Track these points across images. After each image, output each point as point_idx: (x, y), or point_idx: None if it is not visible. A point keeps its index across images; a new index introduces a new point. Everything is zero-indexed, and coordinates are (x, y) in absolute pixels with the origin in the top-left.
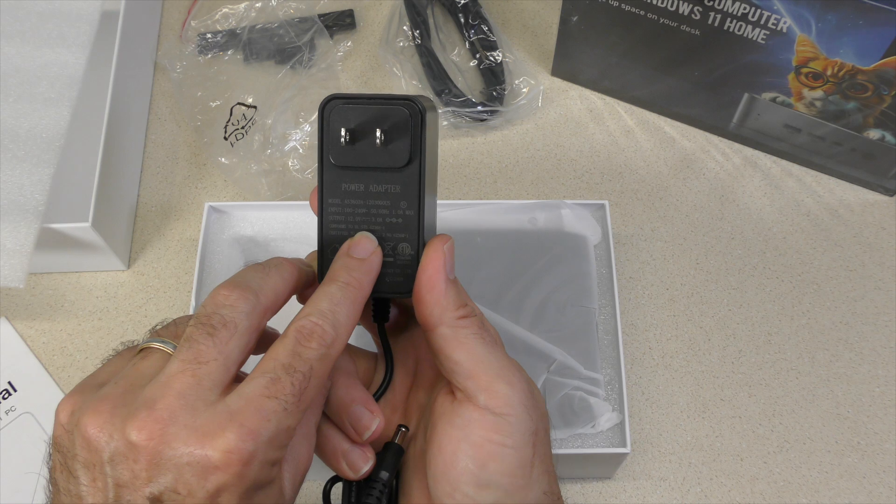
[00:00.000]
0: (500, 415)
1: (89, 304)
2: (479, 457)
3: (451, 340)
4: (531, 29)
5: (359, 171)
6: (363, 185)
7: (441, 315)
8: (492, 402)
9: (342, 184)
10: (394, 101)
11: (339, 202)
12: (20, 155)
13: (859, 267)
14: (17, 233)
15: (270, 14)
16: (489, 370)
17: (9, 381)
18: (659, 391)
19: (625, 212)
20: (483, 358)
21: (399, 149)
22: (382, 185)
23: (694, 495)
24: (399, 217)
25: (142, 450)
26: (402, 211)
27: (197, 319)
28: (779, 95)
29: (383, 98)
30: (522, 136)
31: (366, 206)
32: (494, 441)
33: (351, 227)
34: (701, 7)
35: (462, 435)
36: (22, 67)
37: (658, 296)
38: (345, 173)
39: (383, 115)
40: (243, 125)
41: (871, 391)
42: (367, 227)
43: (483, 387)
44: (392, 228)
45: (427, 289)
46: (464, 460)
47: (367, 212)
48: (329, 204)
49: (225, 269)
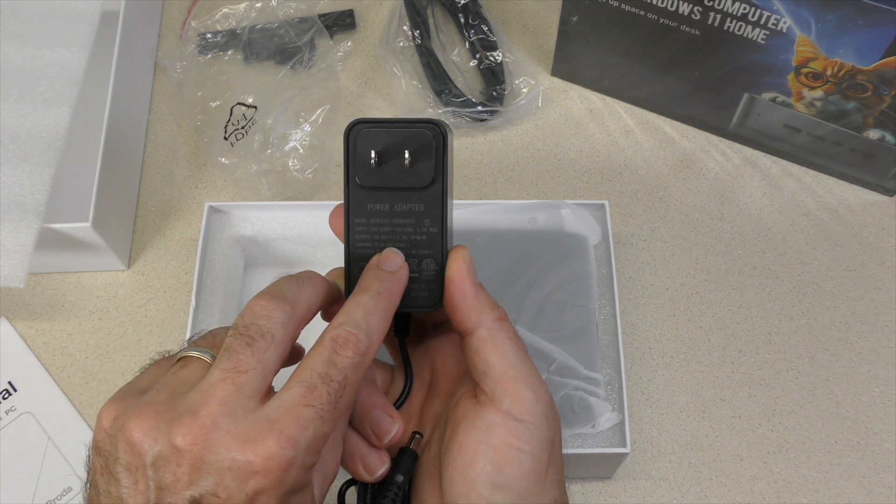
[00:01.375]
0: (521, 421)
1: (89, 304)
2: (497, 459)
3: (488, 343)
4: (531, 29)
5: (384, 191)
6: (388, 204)
7: (479, 318)
8: (515, 408)
9: (368, 204)
10: (417, 124)
11: (366, 221)
12: (21, 155)
13: (859, 267)
14: (17, 233)
15: (270, 14)
16: (517, 376)
17: (9, 381)
18: (659, 391)
19: (625, 212)
20: (514, 364)
21: (423, 169)
22: (407, 204)
23: (694, 495)
24: (423, 234)
25: (186, 454)
26: (426, 228)
27: (236, 330)
28: (779, 95)
29: (406, 122)
30: (522, 136)
31: (391, 224)
32: (513, 445)
33: (377, 245)
34: (701, 7)
35: (483, 437)
36: (22, 67)
37: (658, 296)
38: (370, 194)
39: (407, 137)
40: (243, 125)
41: (871, 391)
42: (392, 244)
43: (509, 392)
44: (417, 245)
45: (459, 296)
46: (482, 462)
47: (392, 230)
48: (355, 223)
49: (225, 269)
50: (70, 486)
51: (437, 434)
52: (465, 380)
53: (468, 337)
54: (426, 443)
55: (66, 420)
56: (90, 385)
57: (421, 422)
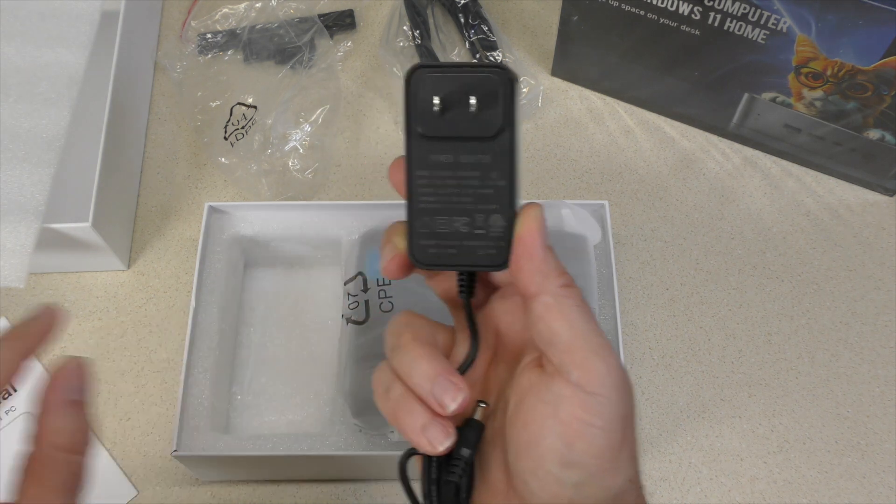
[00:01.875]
0: (591, 393)
1: (89, 304)
2: (567, 434)
3: (553, 309)
4: (531, 29)
5: (448, 141)
6: (453, 155)
7: (543, 282)
8: (584, 379)
9: (430, 155)
10: (483, 68)
11: (428, 174)
12: (20, 155)
13: (859, 267)
14: (17, 233)
15: (270, 14)
16: (586, 345)
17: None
18: (659, 391)
19: (625, 212)
20: (582, 332)
21: (490, 117)
22: (473, 155)
23: (694, 495)
24: (490, 188)
25: None
26: (493, 181)
27: None
28: (779, 95)
29: (472, 66)
30: (522, 136)
31: (455, 176)
32: (583, 420)
33: (441, 199)
34: (701, 7)
35: (550, 411)
36: (22, 67)
37: (658, 296)
38: (433, 144)
39: (473, 82)
40: (243, 125)
41: (871, 391)
42: (457, 198)
43: (578, 363)
44: (483, 199)
45: (527, 257)
46: (550, 437)
47: (457, 183)
48: (417, 176)
49: (225, 269)
50: None
51: (503, 402)
52: (531, 346)
53: (531, 302)
54: (491, 412)
55: None
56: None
57: (485, 389)
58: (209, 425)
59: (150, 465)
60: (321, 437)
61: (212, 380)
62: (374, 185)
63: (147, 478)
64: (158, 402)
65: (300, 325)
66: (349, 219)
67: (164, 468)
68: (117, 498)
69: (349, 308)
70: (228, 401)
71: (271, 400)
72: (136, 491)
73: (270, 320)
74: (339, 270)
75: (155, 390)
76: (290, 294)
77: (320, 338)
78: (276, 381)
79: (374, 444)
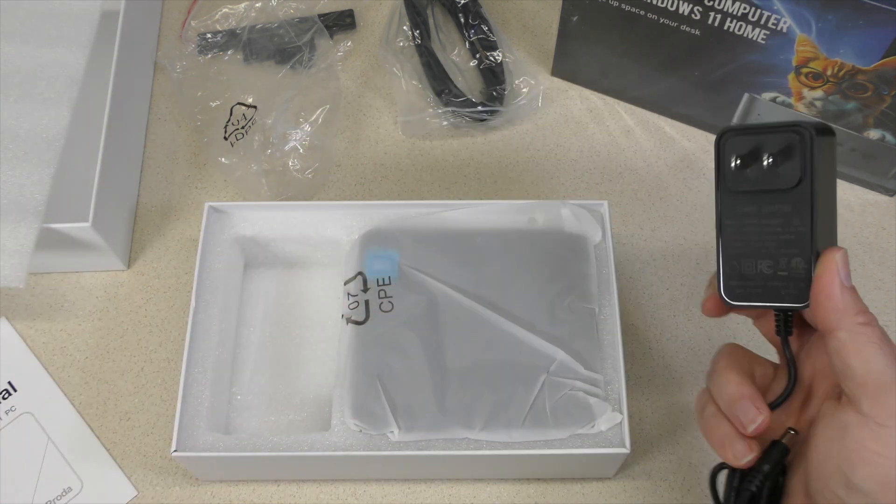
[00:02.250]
0: (882, 425)
1: (89, 304)
2: (851, 460)
3: (848, 345)
4: (531, 29)
5: (751, 194)
6: (756, 206)
7: (839, 320)
8: (874, 410)
9: (737, 206)
10: (783, 128)
11: (736, 223)
12: (20, 155)
13: (859, 267)
14: (17, 233)
15: (270, 14)
16: (880, 380)
17: (9, 381)
18: (659, 391)
19: (625, 212)
20: (877, 367)
21: (789, 171)
22: (774, 205)
23: (694, 495)
24: (792, 234)
25: None
26: (794, 227)
27: None
28: (779, 95)
29: (773, 126)
30: (522, 136)
31: (759, 224)
32: (870, 449)
33: (747, 245)
34: (701, 7)
35: (837, 436)
36: (22, 67)
37: (658, 296)
38: (739, 197)
39: (774, 141)
40: (243, 125)
41: None
42: (761, 244)
43: (870, 394)
44: (785, 245)
45: (824, 295)
46: (835, 461)
47: (762, 230)
48: (726, 225)
49: (225, 269)
50: (70, 487)
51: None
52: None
53: (828, 338)
54: (802, 440)
55: (66, 420)
56: (90, 385)
57: (799, 419)
58: (209, 425)
59: (150, 465)
60: (321, 437)
61: (212, 380)
62: (374, 185)
63: (147, 478)
64: (158, 402)
65: (300, 326)
66: (349, 219)
67: (164, 468)
68: (117, 498)
69: (349, 308)
70: (228, 401)
71: (271, 400)
72: (136, 491)
73: (270, 320)
74: (339, 270)
75: (155, 390)
76: (290, 294)
77: (320, 338)
78: (277, 381)
79: (373, 444)
